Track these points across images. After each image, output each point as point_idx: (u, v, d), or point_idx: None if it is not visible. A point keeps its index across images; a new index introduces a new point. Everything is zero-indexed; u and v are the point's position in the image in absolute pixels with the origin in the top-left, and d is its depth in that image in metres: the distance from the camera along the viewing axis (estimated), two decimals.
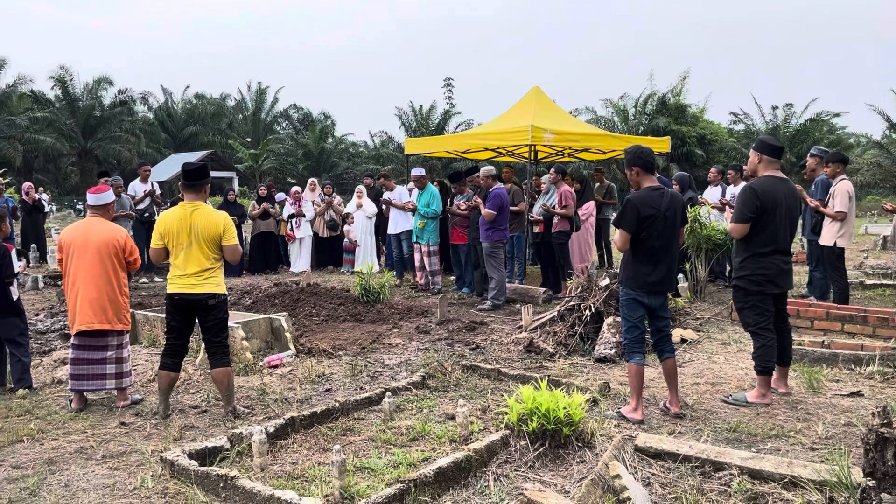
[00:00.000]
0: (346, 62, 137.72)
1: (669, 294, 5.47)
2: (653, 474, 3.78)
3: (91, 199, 5.40)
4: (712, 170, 11.46)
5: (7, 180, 14.24)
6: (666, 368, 4.86)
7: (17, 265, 5.75)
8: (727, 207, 10.28)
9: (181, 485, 3.76)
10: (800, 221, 6.49)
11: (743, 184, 8.86)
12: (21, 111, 36.48)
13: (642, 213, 4.65)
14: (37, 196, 12.42)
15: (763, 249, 5.00)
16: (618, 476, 3.38)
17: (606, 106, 39.32)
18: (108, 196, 5.46)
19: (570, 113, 21.29)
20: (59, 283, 11.20)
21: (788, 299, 5.50)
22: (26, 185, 13.63)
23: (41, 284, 11.33)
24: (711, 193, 11.10)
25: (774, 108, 38.59)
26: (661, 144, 12.72)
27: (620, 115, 38.35)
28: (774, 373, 5.15)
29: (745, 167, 6.80)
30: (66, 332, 7.32)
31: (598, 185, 12.72)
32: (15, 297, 5.63)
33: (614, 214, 9.32)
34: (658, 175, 5.69)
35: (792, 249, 5.23)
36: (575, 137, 11.64)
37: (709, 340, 7.09)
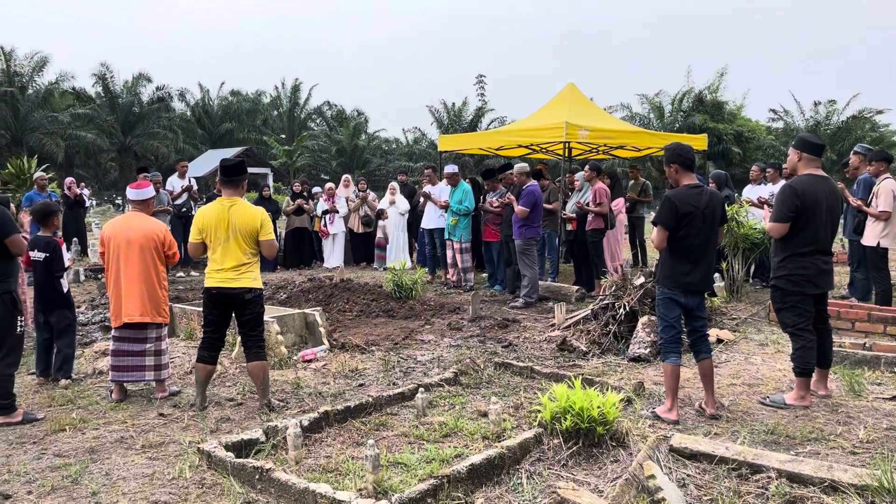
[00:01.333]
0: (379, 59, 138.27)
1: (706, 294, 5.40)
2: (688, 475, 3.74)
3: (131, 193, 5.51)
4: (754, 168, 11.16)
5: (50, 175, 14.55)
6: (702, 369, 4.80)
7: (67, 258, 5.91)
8: (766, 206, 10.08)
9: (218, 476, 3.82)
10: (841, 221, 6.34)
11: (782, 182, 8.70)
12: (63, 108, 37.34)
13: (681, 210, 4.60)
14: (78, 191, 12.68)
15: (803, 249, 4.90)
16: (652, 476, 3.35)
17: (642, 102, 38.90)
18: (149, 191, 5.57)
19: (605, 110, 21.11)
20: (100, 276, 11.45)
21: (829, 300, 5.39)
22: (69, 180, 13.94)
23: (82, 277, 11.59)
24: (754, 192, 10.82)
25: (817, 103, 37.77)
26: (698, 142, 12.54)
27: (656, 112, 37.90)
28: (814, 375, 5.05)
29: (784, 165, 6.67)
30: (107, 324, 7.48)
31: (632, 182, 12.58)
32: (65, 290, 5.79)
33: (651, 213, 9.21)
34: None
35: (833, 249, 5.12)
36: (610, 134, 11.53)
37: (746, 341, 6.99)
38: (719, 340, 6.84)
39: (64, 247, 5.89)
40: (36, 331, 5.97)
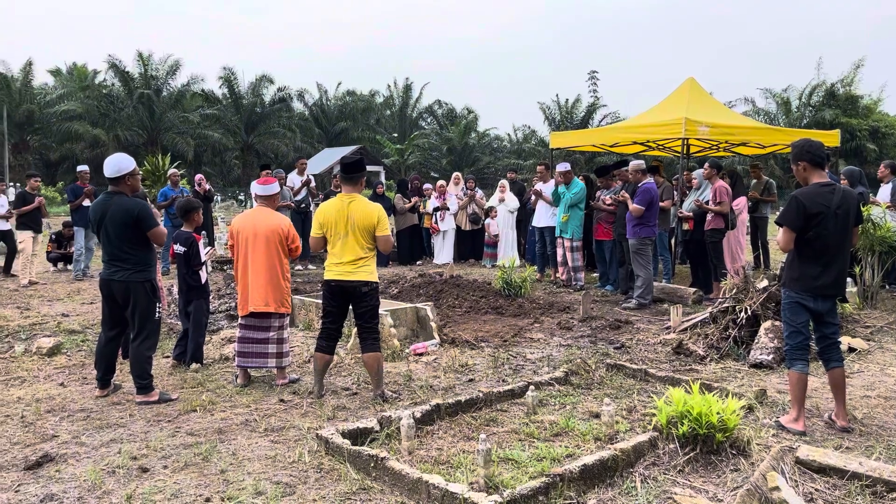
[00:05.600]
0: (490, 57, 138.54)
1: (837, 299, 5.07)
2: (815, 490, 3.53)
3: (258, 189, 5.79)
4: (882, 166, 10.41)
5: (181, 172, 15.56)
6: (833, 378, 4.52)
7: (205, 253, 6.31)
8: None
9: (335, 461, 3.96)
10: None
11: None
12: (193, 109, 39.77)
13: (809, 210, 4.34)
14: (207, 186, 13.46)
15: None
16: (776, 488, 3.20)
17: (766, 97, 37.00)
18: (274, 187, 5.84)
19: (726, 105, 20.22)
20: (226, 267, 12.13)
21: None
22: (198, 176, 14.80)
23: (209, 269, 12.28)
24: (883, 192, 10.06)
25: None
26: (830, 138, 11.79)
27: (782, 107, 35.93)
28: None
29: None
30: (232, 312, 7.91)
31: (755, 181, 12.00)
32: (203, 281, 6.19)
33: (775, 213, 8.75)
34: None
35: None
36: (732, 131, 11.05)
37: (881, 351, 6.51)
38: (851, 349, 6.41)
39: (202, 241, 6.29)
40: (180, 318, 6.41)
